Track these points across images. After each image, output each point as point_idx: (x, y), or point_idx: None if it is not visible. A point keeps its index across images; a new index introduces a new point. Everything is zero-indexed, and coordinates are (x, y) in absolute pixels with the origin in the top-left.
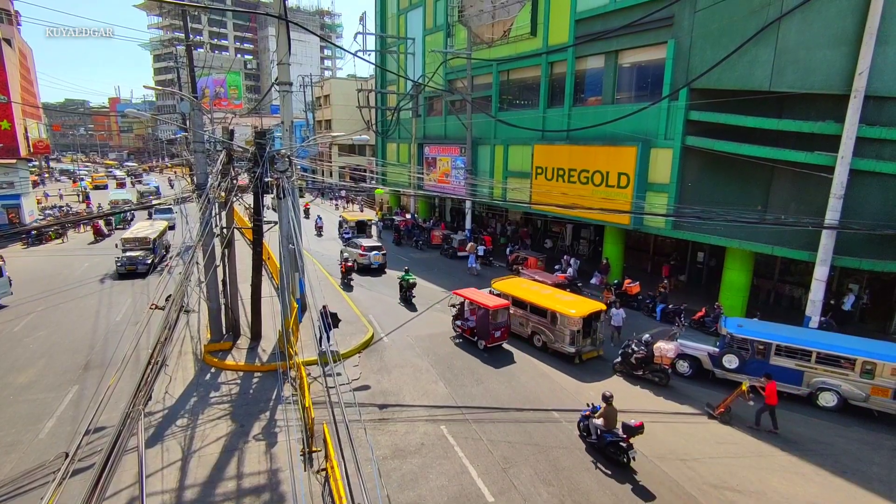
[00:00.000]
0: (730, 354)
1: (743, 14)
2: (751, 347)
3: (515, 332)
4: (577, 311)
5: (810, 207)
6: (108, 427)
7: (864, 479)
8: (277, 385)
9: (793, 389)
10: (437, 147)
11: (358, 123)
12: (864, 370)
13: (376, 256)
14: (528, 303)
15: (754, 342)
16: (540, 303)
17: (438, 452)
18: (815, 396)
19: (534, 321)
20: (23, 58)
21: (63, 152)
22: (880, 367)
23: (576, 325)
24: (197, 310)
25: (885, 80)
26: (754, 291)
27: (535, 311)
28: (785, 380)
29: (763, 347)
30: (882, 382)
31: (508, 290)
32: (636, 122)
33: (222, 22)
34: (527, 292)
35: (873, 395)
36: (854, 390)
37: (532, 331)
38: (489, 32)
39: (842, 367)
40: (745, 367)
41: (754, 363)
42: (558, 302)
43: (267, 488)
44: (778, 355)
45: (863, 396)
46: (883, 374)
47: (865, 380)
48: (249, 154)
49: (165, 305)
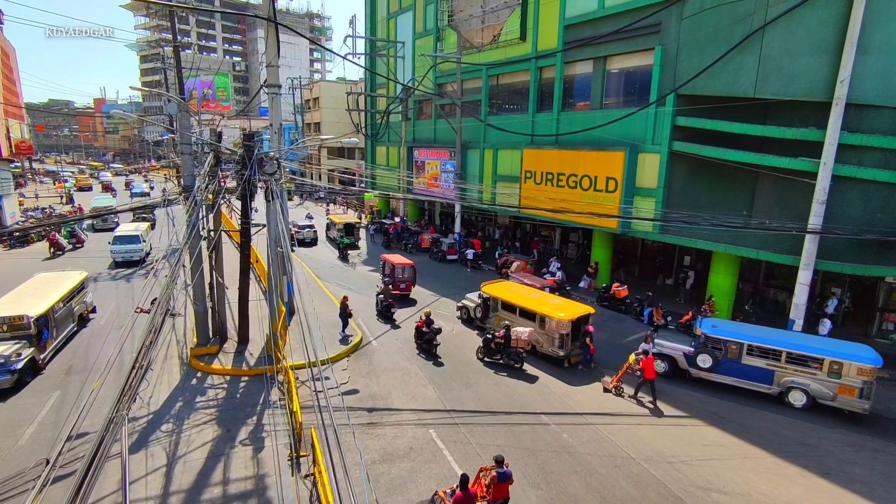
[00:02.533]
0: (704, 354)
1: (728, 22)
2: (724, 347)
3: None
4: (567, 315)
5: (794, 212)
6: (90, 433)
7: (847, 479)
8: (265, 389)
9: (764, 388)
10: (427, 151)
11: (347, 126)
12: (831, 370)
13: (308, 233)
14: (518, 306)
15: (727, 342)
16: (529, 306)
17: (427, 456)
18: (785, 395)
19: (523, 325)
20: (5, 57)
21: (47, 153)
22: (847, 367)
23: (565, 328)
24: (183, 313)
25: (865, 88)
26: (739, 295)
27: (524, 314)
28: (757, 379)
29: (735, 347)
30: (848, 382)
31: (497, 293)
32: (624, 127)
33: (210, 23)
34: (515, 296)
35: (840, 394)
36: (822, 389)
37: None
38: (479, 37)
39: (810, 367)
40: (718, 366)
41: (727, 363)
42: (547, 305)
43: (254, 494)
44: (750, 355)
45: (830, 395)
46: (849, 374)
47: (833, 379)
48: (237, 156)
49: (151, 309)
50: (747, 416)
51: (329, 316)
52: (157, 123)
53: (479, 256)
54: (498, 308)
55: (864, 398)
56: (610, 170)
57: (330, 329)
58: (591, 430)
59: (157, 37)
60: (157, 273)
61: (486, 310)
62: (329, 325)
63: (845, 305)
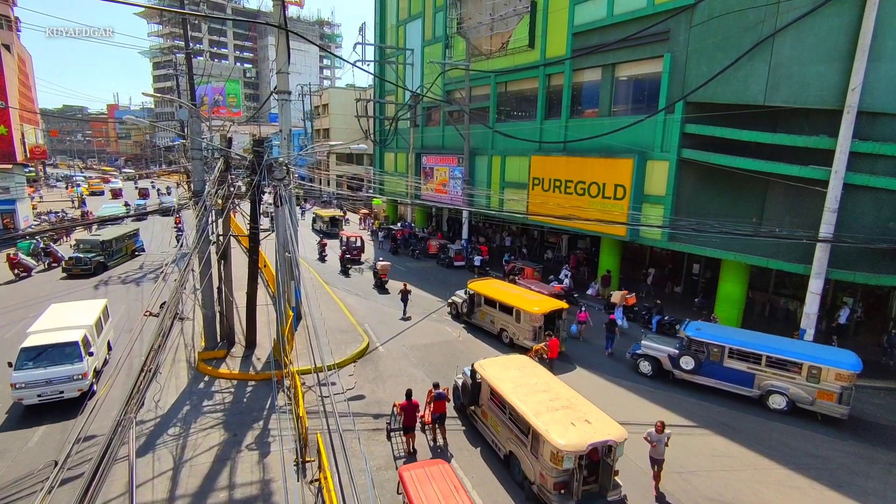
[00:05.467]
0: (686, 356)
1: (738, 29)
2: (706, 350)
3: (486, 329)
4: (540, 308)
5: (805, 220)
6: (98, 435)
7: (860, 493)
8: (271, 394)
9: (745, 391)
10: (435, 157)
11: (356, 133)
12: (810, 374)
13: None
14: (497, 301)
15: (709, 345)
16: (506, 301)
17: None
18: (765, 399)
19: (502, 318)
20: (21, 63)
21: (60, 157)
22: (825, 372)
23: (537, 321)
24: (192, 317)
25: (877, 95)
26: (749, 304)
27: (503, 308)
28: (738, 381)
29: (717, 350)
30: (827, 387)
31: (481, 290)
32: (632, 135)
33: (222, 31)
34: (497, 292)
35: (819, 398)
36: (801, 393)
37: (500, 327)
38: (487, 44)
39: (790, 371)
40: (700, 368)
41: (709, 365)
42: (523, 300)
43: (259, 499)
44: (731, 358)
45: (809, 400)
46: (828, 379)
47: (811, 383)
48: (247, 162)
49: (160, 312)
50: (757, 427)
51: (336, 321)
52: (168, 129)
53: (487, 263)
54: (481, 303)
55: (842, 403)
56: (618, 177)
57: (337, 334)
58: None
59: (170, 44)
60: (167, 277)
61: (472, 305)
62: (336, 330)
63: (857, 315)
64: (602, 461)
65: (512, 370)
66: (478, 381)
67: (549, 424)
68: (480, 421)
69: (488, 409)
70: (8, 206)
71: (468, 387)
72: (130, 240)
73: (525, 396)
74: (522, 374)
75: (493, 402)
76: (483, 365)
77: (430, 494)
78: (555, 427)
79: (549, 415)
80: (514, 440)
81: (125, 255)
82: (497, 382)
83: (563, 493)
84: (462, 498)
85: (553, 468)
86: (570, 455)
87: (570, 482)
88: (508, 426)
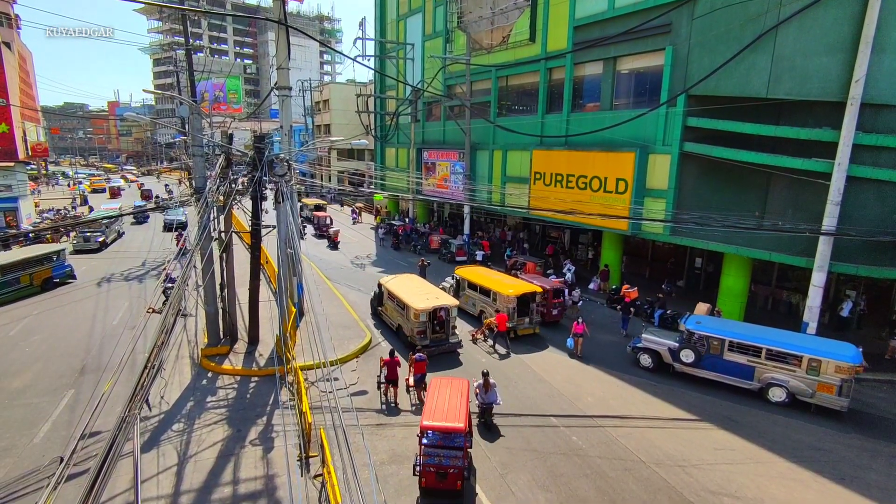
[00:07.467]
0: (687, 350)
1: (740, 21)
2: (707, 343)
3: (468, 312)
4: (514, 291)
5: (807, 214)
6: (103, 431)
7: (863, 485)
8: (275, 390)
9: (745, 384)
10: (436, 152)
11: (357, 128)
12: (809, 367)
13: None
14: (478, 285)
15: (709, 338)
16: (485, 284)
17: None
18: (765, 391)
19: (482, 301)
20: (22, 61)
21: (62, 155)
22: (825, 365)
23: (511, 302)
24: (194, 314)
25: (880, 87)
26: (752, 297)
27: (483, 292)
28: (738, 374)
29: (717, 343)
30: (827, 379)
31: (465, 275)
32: (634, 129)
33: (222, 26)
34: (479, 277)
35: (819, 391)
36: (801, 386)
37: (480, 309)
38: (488, 38)
39: (790, 364)
40: (701, 361)
41: (710, 358)
42: (500, 284)
43: (263, 494)
44: (731, 351)
45: (809, 392)
46: (827, 372)
47: (811, 376)
48: (248, 158)
49: (163, 309)
50: (759, 420)
51: (339, 317)
52: (169, 126)
53: (489, 258)
54: (465, 287)
55: (842, 396)
56: (620, 171)
57: (339, 330)
58: (600, 432)
59: (170, 40)
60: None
61: (458, 289)
62: (338, 325)
63: (860, 308)
64: (445, 320)
65: (402, 281)
66: (381, 291)
67: (413, 298)
68: (384, 314)
69: (387, 303)
70: (10, 204)
71: (376, 295)
72: (41, 265)
73: (405, 291)
74: (407, 282)
75: (389, 299)
76: (384, 280)
77: (442, 393)
78: (416, 300)
79: (415, 297)
80: (398, 315)
81: (28, 286)
82: (391, 287)
83: (422, 335)
84: (462, 403)
85: (416, 322)
86: (423, 312)
87: (425, 331)
88: (397, 309)
